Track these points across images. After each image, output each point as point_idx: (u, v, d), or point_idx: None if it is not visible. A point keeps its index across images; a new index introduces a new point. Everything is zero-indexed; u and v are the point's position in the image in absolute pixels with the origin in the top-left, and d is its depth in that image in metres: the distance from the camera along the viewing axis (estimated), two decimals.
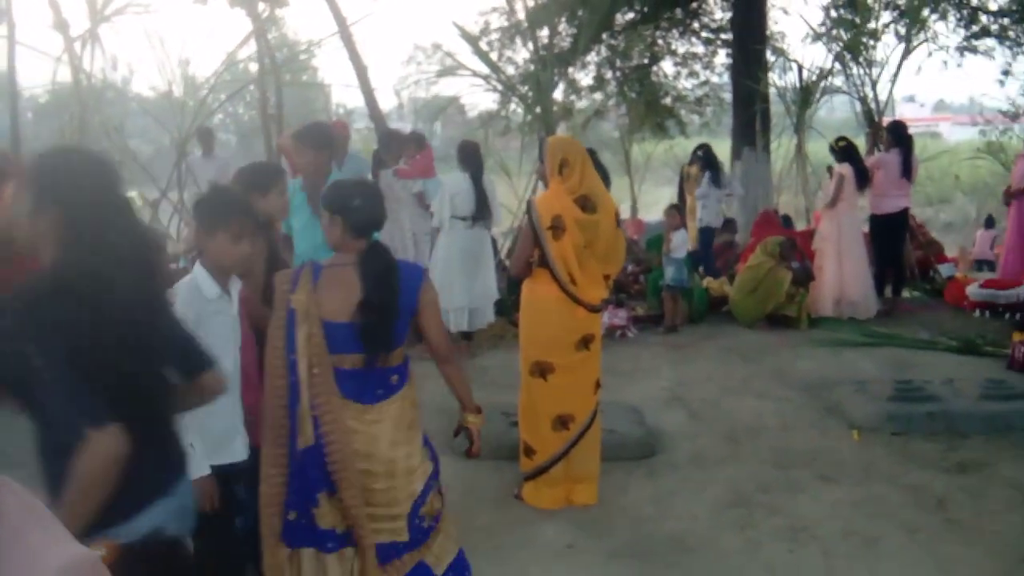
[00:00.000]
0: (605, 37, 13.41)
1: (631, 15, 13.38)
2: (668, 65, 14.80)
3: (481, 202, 6.50)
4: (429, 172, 7.47)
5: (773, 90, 10.78)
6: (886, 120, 9.12)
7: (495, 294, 6.84)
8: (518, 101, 10.86)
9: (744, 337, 7.31)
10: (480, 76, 9.76)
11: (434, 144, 9.29)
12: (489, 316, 6.80)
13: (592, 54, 13.75)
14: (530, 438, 4.04)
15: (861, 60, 9.55)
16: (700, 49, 14.57)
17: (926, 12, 10.55)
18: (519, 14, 12.46)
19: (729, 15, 13.24)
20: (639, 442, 4.69)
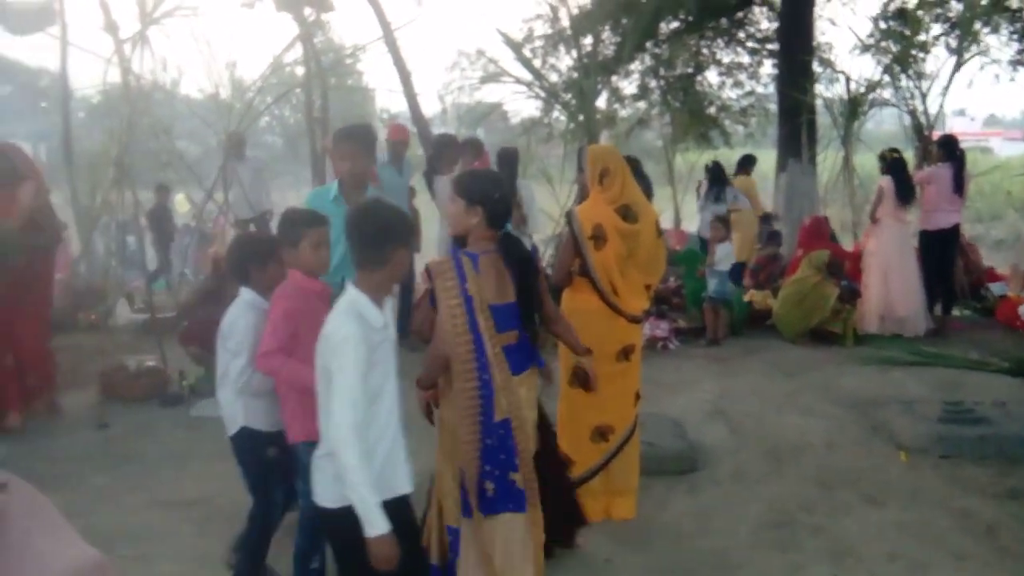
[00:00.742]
0: (649, 46, 13.33)
1: (676, 24, 13.25)
2: (713, 75, 14.70)
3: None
4: None
5: (820, 101, 10.61)
6: (936, 134, 8.94)
7: None
8: (561, 109, 10.83)
9: (788, 352, 7.19)
10: (523, 83, 9.75)
11: None
12: None
13: (636, 63, 13.68)
14: (568, 449, 3.99)
15: (910, 72, 9.39)
16: (745, 59, 14.44)
17: (978, 25, 10.32)
18: (563, 21, 12.46)
19: (775, 25, 13.09)
20: (680, 456, 4.62)
